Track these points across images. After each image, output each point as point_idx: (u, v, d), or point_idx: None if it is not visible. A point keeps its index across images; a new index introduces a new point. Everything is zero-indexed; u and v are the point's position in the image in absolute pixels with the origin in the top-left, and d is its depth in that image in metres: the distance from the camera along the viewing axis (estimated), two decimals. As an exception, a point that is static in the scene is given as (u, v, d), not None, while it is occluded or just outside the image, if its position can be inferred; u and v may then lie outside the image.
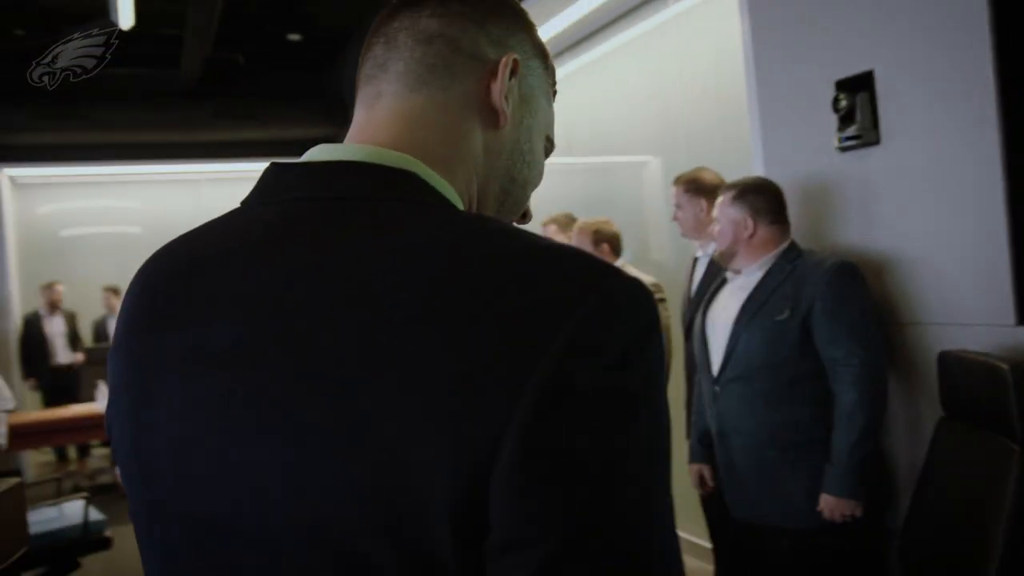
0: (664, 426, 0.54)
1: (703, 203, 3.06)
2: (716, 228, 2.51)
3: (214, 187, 8.92)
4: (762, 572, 2.45)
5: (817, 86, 2.48)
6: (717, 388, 2.49)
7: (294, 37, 6.62)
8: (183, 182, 8.75)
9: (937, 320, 2.25)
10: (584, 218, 3.65)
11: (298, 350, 0.54)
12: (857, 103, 2.32)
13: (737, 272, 2.52)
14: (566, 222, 3.97)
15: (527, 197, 0.77)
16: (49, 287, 7.31)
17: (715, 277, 2.82)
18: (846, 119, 2.36)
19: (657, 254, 4.25)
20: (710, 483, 2.64)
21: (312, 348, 0.54)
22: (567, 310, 0.50)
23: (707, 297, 2.65)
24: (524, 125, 0.73)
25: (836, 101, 2.36)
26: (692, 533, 3.70)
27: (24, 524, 3.03)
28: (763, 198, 2.45)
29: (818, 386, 2.30)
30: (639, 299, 0.54)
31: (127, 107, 6.79)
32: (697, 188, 3.06)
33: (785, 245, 2.45)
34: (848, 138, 2.36)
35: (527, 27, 0.75)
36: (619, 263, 3.53)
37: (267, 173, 0.67)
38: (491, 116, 0.70)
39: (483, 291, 0.52)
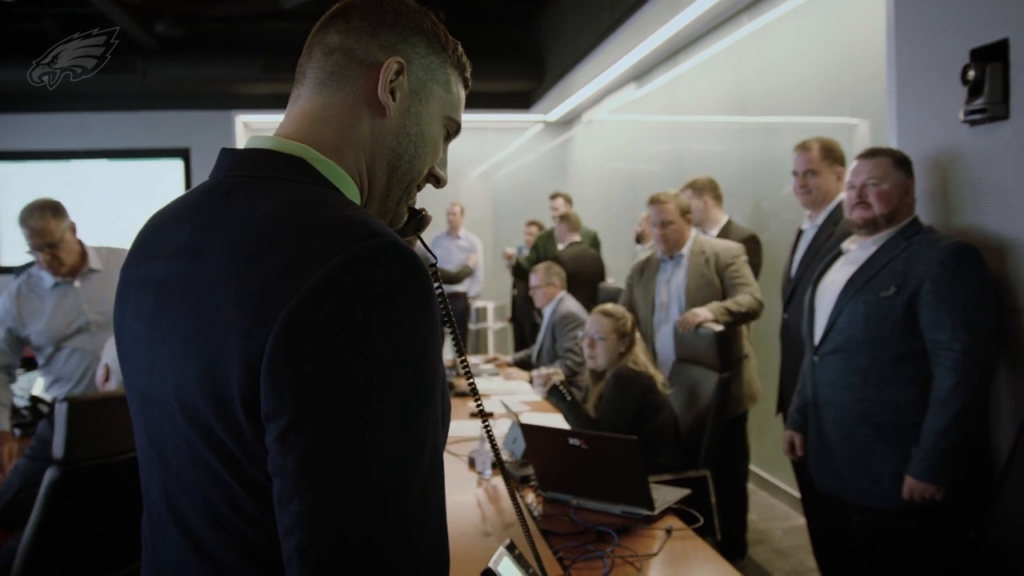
0: (404, 361, 0.72)
1: (839, 170, 2.98)
2: (875, 191, 2.35)
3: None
4: (843, 544, 2.45)
5: (952, 55, 2.35)
6: (816, 359, 2.48)
7: (491, -6, 6.87)
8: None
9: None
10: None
11: (188, 284, 0.80)
12: (987, 74, 2.19)
13: (853, 244, 2.48)
14: (705, 185, 4.04)
15: (418, 168, 0.95)
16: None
17: (818, 252, 2.77)
18: (975, 91, 2.23)
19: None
20: (799, 452, 2.64)
21: (195, 283, 0.79)
22: (322, 261, 0.71)
23: (821, 268, 2.62)
24: (412, 112, 0.92)
25: (964, 71, 2.24)
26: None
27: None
28: (911, 168, 2.39)
29: (923, 368, 2.25)
30: (388, 257, 0.72)
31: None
32: (836, 155, 2.98)
33: (907, 221, 2.38)
34: (974, 111, 2.22)
35: (423, 31, 0.93)
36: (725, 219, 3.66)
37: (219, 155, 0.91)
38: (379, 107, 0.90)
39: (280, 246, 0.74)
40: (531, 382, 4.14)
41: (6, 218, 8.63)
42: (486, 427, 1.18)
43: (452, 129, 0.98)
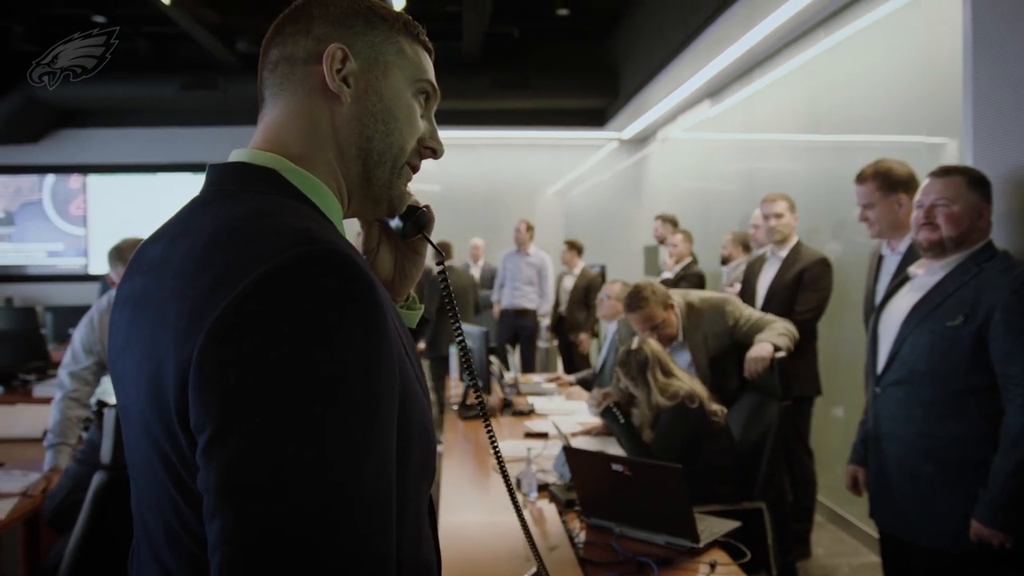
0: (339, 373, 0.67)
1: (901, 198, 2.82)
2: (944, 212, 2.21)
3: (492, 152, 9.51)
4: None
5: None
6: (878, 390, 2.35)
7: (563, 12, 6.86)
8: (464, 147, 9.37)
9: None
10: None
11: (150, 298, 0.79)
12: (1070, 89, 2.04)
13: (920, 268, 2.34)
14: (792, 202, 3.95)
15: (397, 144, 0.92)
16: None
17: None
18: (1057, 107, 2.08)
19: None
20: (863, 487, 2.50)
21: (153, 297, 0.78)
22: (252, 269, 0.68)
23: (886, 294, 2.48)
24: (371, 90, 0.90)
25: (1045, 86, 2.09)
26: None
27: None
28: (989, 190, 2.24)
29: (991, 403, 2.09)
30: (323, 265, 0.69)
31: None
32: (893, 183, 2.82)
33: (980, 245, 2.22)
34: (1055, 128, 2.08)
35: (357, 11, 0.91)
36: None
37: (207, 170, 0.91)
38: (334, 98, 0.89)
39: (219, 257, 0.73)
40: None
41: (97, 227, 9.04)
42: (495, 451, 1.14)
43: (429, 92, 0.95)
